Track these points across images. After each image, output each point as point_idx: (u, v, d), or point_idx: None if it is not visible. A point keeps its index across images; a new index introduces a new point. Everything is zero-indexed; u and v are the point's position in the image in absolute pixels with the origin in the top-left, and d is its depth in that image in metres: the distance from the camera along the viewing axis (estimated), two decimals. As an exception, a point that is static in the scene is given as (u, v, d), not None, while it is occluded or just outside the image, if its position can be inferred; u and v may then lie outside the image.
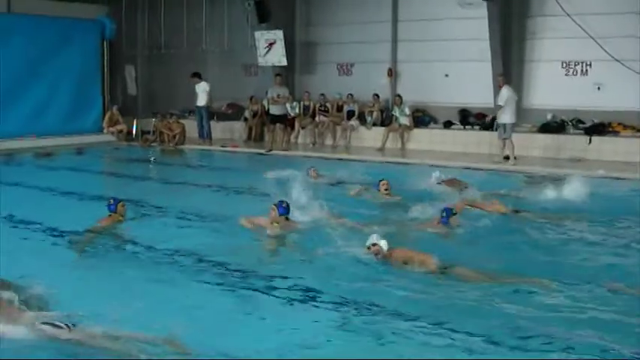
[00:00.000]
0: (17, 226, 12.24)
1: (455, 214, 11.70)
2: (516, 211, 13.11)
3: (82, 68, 27.26)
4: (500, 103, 20.05)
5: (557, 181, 15.72)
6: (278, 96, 24.59)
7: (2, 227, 12.11)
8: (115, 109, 27.14)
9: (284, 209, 11.55)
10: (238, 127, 26.77)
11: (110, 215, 12.04)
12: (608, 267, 9.82)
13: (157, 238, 11.18)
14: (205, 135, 25.55)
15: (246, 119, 26.59)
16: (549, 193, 14.49)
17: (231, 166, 21.62)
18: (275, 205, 11.60)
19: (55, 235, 11.53)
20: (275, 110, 24.76)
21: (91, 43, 27.64)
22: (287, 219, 11.61)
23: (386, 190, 14.32)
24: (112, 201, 12.07)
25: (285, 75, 26.12)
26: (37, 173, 19.03)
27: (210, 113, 26.10)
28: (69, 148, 24.44)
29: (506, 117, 20.07)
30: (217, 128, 26.09)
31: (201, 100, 25.40)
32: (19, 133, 24.52)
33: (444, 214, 11.55)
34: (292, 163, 19.50)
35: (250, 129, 26.30)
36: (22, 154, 22.87)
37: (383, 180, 14.50)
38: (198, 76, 25.58)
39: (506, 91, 20.08)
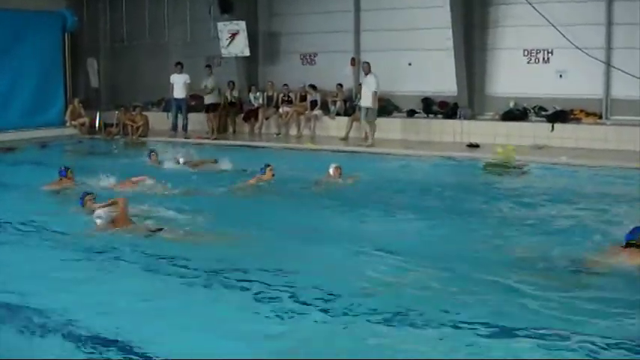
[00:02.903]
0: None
1: None
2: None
3: (44, 61, 26.89)
4: (373, 88, 21.38)
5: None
6: (205, 87, 25.11)
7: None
8: (76, 102, 26.91)
9: None
10: (202, 119, 26.63)
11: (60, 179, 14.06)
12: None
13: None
14: (183, 127, 25.38)
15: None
16: None
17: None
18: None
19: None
20: (207, 100, 25.34)
21: (52, 36, 27.28)
22: None
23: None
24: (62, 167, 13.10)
25: (249, 65, 26.13)
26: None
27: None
28: (32, 142, 24.19)
29: (376, 102, 21.73)
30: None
31: (182, 92, 25.13)
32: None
33: None
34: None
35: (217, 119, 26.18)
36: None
37: None
38: (181, 65, 25.28)
39: (374, 78, 21.49)
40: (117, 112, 26.67)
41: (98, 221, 10.60)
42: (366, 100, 21.76)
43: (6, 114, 25.38)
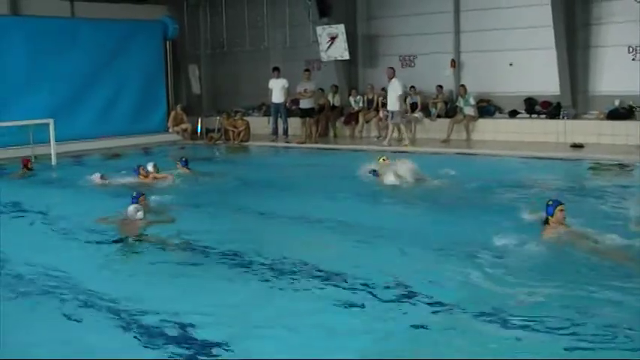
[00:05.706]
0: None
1: None
2: None
3: (146, 69, 27.57)
4: (399, 92, 22.51)
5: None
6: (305, 90, 24.86)
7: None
8: (179, 108, 27.43)
9: None
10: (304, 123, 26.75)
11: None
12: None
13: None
14: (283, 132, 25.61)
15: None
16: None
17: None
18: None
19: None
20: (303, 104, 25.08)
21: (154, 44, 27.97)
22: None
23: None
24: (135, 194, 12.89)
25: (348, 69, 26.19)
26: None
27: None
28: (136, 148, 24.72)
29: (402, 105, 23.02)
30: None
31: (280, 97, 25.29)
32: (87, 135, 24.85)
33: None
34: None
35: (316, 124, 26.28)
36: (91, 156, 23.19)
37: None
38: (278, 70, 25.50)
39: (399, 82, 22.61)
40: (218, 117, 27.01)
41: (139, 214, 11.96)
42: (392, 104, 22.67)
43: (111, 121, 26.09)
